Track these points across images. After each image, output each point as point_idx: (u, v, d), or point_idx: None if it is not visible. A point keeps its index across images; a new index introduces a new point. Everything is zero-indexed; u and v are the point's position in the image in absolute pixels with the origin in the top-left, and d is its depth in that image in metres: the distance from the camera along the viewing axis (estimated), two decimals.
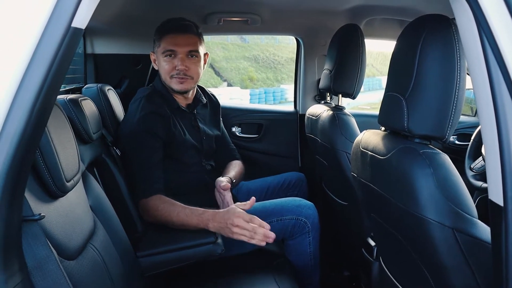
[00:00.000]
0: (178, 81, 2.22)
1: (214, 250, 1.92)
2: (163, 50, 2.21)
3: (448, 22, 1.27)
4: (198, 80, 2.32)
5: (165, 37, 2.20)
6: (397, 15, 2.71)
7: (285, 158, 3.29)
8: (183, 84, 2.23)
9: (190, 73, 2.22)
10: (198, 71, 2.26)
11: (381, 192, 1.44)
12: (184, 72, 2.20)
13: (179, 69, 2.20)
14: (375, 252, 2.00)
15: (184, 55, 2.20)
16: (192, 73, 2.23)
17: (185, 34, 2.20)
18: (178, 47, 2.19)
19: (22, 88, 0.89)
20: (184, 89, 2.25)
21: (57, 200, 1.29)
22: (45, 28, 0.90)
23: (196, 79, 2.27)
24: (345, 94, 2.34)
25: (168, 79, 2.23)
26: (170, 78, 2.22)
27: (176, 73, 2.21)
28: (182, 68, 2.19)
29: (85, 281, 1.29)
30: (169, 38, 2.19)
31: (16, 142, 0.90)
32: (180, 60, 2.19)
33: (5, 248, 0.93)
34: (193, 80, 2.25)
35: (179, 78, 2.21)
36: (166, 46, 2.20)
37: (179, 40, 2.19)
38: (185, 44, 2.19)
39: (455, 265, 1.22)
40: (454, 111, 1.27)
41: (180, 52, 2.19)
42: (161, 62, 2.23)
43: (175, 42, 2.19)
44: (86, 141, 1.86)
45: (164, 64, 2.22)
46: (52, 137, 1.24)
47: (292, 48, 4.38)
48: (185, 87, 2.24)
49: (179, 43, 2.19)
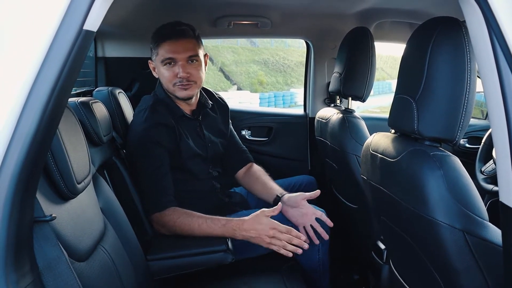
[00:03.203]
0: (182, 88, 2.17)
1: (225, 258, 1.92)
2: (162, 59, 2.15)
3: (459, 25, 1.27)
4: (202, 84, 2.27)
5: (162, 45, 2.14)
6: (407, 18, 2.71)
7: (295, 161, 3.28)
8: (187, 91, 2.18)
9: (193, 79, 2.17)
10: (200, 76, 2.20)
11: (391, 195, 1.43)
12: (187, 78, 2.15)
13: (181, 76, 2.14)
14: (385, 255, 2.00)
15: (184, 61, 2.14)
16: (194, 78, 2.18)
17: (182, 39, 2.14)
18: (177, 54, 2.13)
19: (35, 90, 0.90)
20: (189, 95, 2.21)
21: (68, 202, 1.30)
22: (57, 31, 0.91)
23: (200, 83, 2.22)
24: (355, 97, 2.33)
25: (171, 87, 2.18)
26: (173, 86, 2.17)
27: (178, 81, 2.15)
28: (184, 75, 2.14)
29: (95, 282, 1.30)
30: (167, 46, 2.13)
31: (28, 144, 0.90)
32: (181, 67, 2.13)
33: (17, 248, 0.93)
34: (196, 84, 2.20)
35: (181, 85, 2.16)
36: (164, 54, 2.14)
37: (177, 47, 2.13)
38: (184, 50, 2.13)
39: (466, 268, 1.21)
40: (465, 114, 1.26)
41: (179, 59, 2.13)
42: (161, 71, 2.18)
43: (174, 49, 2.13)
44: (96, 144, 1.87)
45: (165, 72, 2.17)
46: (63, 139, 1.25)
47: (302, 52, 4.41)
48: (189, 93, 2.19)
49: (177, 50, 2.13)
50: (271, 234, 1.91)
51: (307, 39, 3.20)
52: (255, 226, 1.93)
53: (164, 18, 2.32)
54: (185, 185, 2.20)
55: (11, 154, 0.90)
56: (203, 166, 2.28)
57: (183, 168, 2.20)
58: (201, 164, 2.27)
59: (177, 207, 2.04)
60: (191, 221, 1.98)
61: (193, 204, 2.06)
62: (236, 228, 1.94)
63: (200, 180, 2.28)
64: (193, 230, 1.98)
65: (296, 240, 1.94)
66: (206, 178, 2.31)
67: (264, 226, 1.92)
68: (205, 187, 2.29)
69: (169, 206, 2.03)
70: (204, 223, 1.97)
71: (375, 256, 2.08)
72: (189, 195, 2.19)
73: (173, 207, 2.03)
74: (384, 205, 1.57)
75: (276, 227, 1.92)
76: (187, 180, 2.23)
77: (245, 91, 27.58)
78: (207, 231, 1.97)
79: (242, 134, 3.23)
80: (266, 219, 1.94)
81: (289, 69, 34.41)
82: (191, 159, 2.22)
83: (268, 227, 1.92)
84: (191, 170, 2.23)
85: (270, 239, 1.92)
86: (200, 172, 2.27)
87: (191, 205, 2.04)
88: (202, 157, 2.27)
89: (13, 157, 0.90)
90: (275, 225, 1.93)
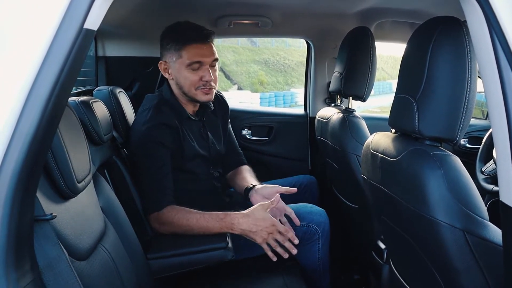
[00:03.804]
0: (204, 93, 2.16)
1: (224, 255, 1.91)
2: (188, 62, 2.11)
3: (459, 24, 1.27)
4: None
5: (188, 48, 2.11)
6: (407, 17, 2.71)
7: (295, 160, 3.29)
8: (208, 95, 2.18)
9: (215, 83, 2.19)
10: (217, 79, 2.22)
11: (392, 194, 1.43)
12: (210, 82, 2.15)
13: (207, 80, 2.13)
14: (385, 255, 2.00)
15: (209, 65, 2.14)
16: (216, 82, 2.19)
17: (208, 43, 2.14)
18: (205, 57, 2.11)
19: (35, 89, 0.90)
20: (210, 99, 2.21)
21: (68, 201, 1.30)
22: (57, 29, 0.91)
23: (216, 87, 2.24)
24: (355, 97, 2.33)
25: (193, 91, 2.16)
26: (196, 89, 2.16)
27: (202, 85, 2.14)
28: (210, 79, 2.13)
29: (96, 281, 1.30)
30: (194, 49, 2.10)
31: (29, 142, 0.90)
32: (207, 71, 2.12)
33: (17, 247, 0.93)
34: (215, 89, 2.22)
35: (205, 89, 2.15)
36: (191, 57, 2.10)
37: (204, 51, 2.11)
38: (210, 54, 2.13)
39: (466, 267, 1.21)
40: (465, 113, 1.26)
41: (206, 62, 2.12)
42: (185, 74, 2.14)
43: (202, 53, 2.11)
44: (97, 143, 1.87)
45: (190, 76, 2.13)
46: (63, 138, 1.25)
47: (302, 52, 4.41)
48: (210, 97, 2.20)
49: (205, 54, 2.11)
50: (270, 230, 1.91)
51: (307, 38, 3.20)
52: (255, 220, 1.92)
53: (164, 17, 2.32)
54: (186, 185, 2.20)
55: (12, 153, 0.90)
56: (204, 166, 2.28)
57: (185, 169, 2.20)
58: (202, 164, 2.27)
59: (175, 205, 2.03)
60: (189, 217, 1.98)
61: (194, 204, 2.05)
62: (235, 222, 1.93)
63: (201, 180, 2.27)
64: (191, 226, 1.97)
65: (288, 244, 1.93)
66: (207, 178, 2.30)
67: (264, 221, 1.91)
68: (206, 187, 2.29)
69: (168, 205, 2.02)
70: (202, 218, 1.96)
71: (375, 256, 2.08)
72: (190, 195, 2.19)
73: (171, 205, 2.02)
74: (384, 204, 1.57)
75: (276, 225, 1.92)
76: (188, 180, 2.22)
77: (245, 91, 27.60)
78: (205, 226, 1.96)
79: (242, 134, 3.23)
80: (266, 213, 1.94)
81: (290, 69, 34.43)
82: (193, 160, 2.21)
83: (269, 222, 1.91)
84: (192, 171, 2.22)
85: (267, 235, 1.91)
86: (201, 172, 2.27)
87: (192, 205, 2.04)
88: (205, 158, 2.27)
89: (14, 156, 0.90)
90: (275, 222, 1.92)
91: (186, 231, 1.98)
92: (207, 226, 1.96)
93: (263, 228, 1.90)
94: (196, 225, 1.97)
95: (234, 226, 1.93)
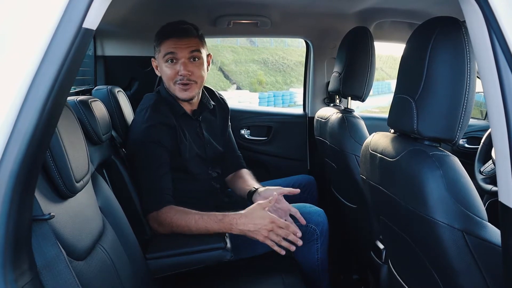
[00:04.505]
0: (182, 89, 2.16)
1: (223, 255, 1.90)
2: (163, 54, 2.15)
3: (458, 24, 1.27)
4: (203, 84, 2.26)
5: (164, 42, 2.14)
6: (407, 18, 2.71)
7: (294, 160, 3.29)
8: (187, 92, 2.17)
9: (194, 78, 2.16)
10: (202, 75, 2.19)
11: (390, 194, 1.43)
12: (188, 77, 2.14)
13: (182, 74, 2.13)
14: (384, 255, 2.00)
15: (186, 59, 2.13)
16: (195, 77, 2.16)
17: (185, 37, 2.13)
18: (179, 50, 2.12)
19: (33, 88, 0.90)
20: (189, 97, 2.19)
21: (67, 201, 1.30)
22: (56, 28, 0.91)
23: (201, 83, 2.21)
24: (354, 97, 2.33)
25: (172, 86, 2.17)
26: (174, 84, 2.16)
27: (179, 79, 2.14)
28: (184, 73, 2.13)
29: (94, 281, 1.29)
30: (169, 43, 2.13)
31: (27, 142, 0.90)
32: (183, 64, 2.13)
33: (15, 247, 0.93)
34: (197, 84, 2.19)
35: (182, 85, 2.15)
36: (166, 49, 2.14)
37: (179, 44, 2.12)
38: (186, 47, 2.13)
39: (465, 268, 1.21)
40: (464, 113, 1.26)
41: (181, 56, 2.13)
42: (163, 68, 2.17)
43: (175, 46, 2.12)
44: (95, 143, 1.86)
45: (166, 70, 2.16)
46: (62, 137, 1.25)
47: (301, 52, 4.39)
48: (189, 94, 2.18)
49: (179, 47, 2.12)
50: (269, 228, 1.89)
51: (306, 38, 3.20)
52: (253, 219, 1.90)
53: (163, 17, 2.31)
54: (185, 186, 2.20)
55: (10, 152, 0.90)
56: (202, 167, 2.28)
57: (183, 169, 2.19)
58: (200, 165, 2.26)
59: (173, 205, 2.02)
60: (188, 218, 1.97)
61: (192, 204, 2.05)
62: (233, 223, 1.92)
63: (200, 180, 2.27)
64: (189, 227, 1.96)
65: (292, 236, 1.92)
66: (206, 178, 2.30)
67: (263, 219, 1.90)
68: (204, 188, 2.29)
69: (166, 205, 2.02)
70: (201, 219, 1.96)
71: (374, 256, 2.08)
72: (188, 195, 2.18)
73: (169, 205, 2.02)
74: (383, 204, 1.57)
75: (275, 221, 1.90)
76: (187, 180, 2.22)
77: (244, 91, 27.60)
78: (203, 227, 1.95)
79: (241, 134, 3.23)
80: (264, 212, 1.92)
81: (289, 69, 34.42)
82: (191, 160, 2.21)
83: (267, 220, 1.90)
84: (190, 171, 2.22)
85: (268, 233, 1.90)
86: (200, 173, 2.26)
87: (190, 205, 2.04)
88: (202, 158, 2.27)
89: (12, 155, 0.90)
90: (274, 219, 1.91)
91: (185, 231, 1.98)
92: (206, 227, 1.95)
93: (261, 227, 1.89)
94: (194, 226, 1.96)
95: (233, 227, 1.93)
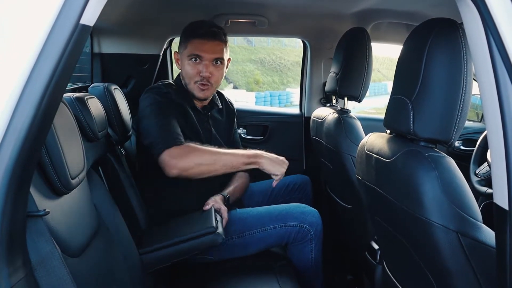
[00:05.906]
0: (200, 88, 2.22)
1: (215, 239, 1.90)
2: (188, 53, 2.20)
3: (456, 26, 1.27)
4: (218, 86, 2.33)
5: (192, 41, 2.19)
6: (404, 19, 2.71)
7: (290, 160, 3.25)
8: (204, 91, 2.24)
9: (213, 80, 2.23)
10: (219, 78, 2.27)
11: (386, 195, 1.44)
12: (208, 78, 2.20)
13: (203, 75, 2.19)
14: (378, 256, 2.00)
15: (209, 61, 2.19)
16: (214, 80, 2.23)
17: (213, 40, 2.19)
18: (205, 53, 2.18)
19: (30, 84, 0.90)
20: (206, 96, 2.27)
21: (62, 197, 1.30)
22: (53, 24, 0.90)
23: (216, 86, 2.29)
24: (351, 97, 2.33)
25: (192, 84, 2.23)
26: (194, 83, 2.22)
27: (200, 79, 2.20)
28: (206, 75, 2.19)
29: (89, 278, 1.30)
30: (197, 43, 2.18)
31: (23, 138, 0.90)
32: (205, 66, 2.19)
33: (10, 243, 0.93)
34: (213, 87, 2.26)
35: (201, 85, 2.21)
36: (192, 50, 2.19)
37: (206, 47, 2.18)
38: (212, 51, 2.19)
39: (459, 269, 1.22)
40: (460, 115, 1.27)
41: (206, 58, 2.19)
42: (185, 66, 2.23)
43: (202, 48, 2.18)
44: (91, 140, 1.86)
45: (189, 68, 2.22)
46: (58, 134, 1.24)
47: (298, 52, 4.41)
48: (206, 94, 2.26)
49: (206, 49, 2.18)
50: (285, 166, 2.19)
51: (304, 38, 3.20)
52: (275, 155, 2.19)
53: (161, 15, 2.31)
54: (184, 185, 2.19)
55: (5, 148, 0.90)
56: None
57: None
58: None
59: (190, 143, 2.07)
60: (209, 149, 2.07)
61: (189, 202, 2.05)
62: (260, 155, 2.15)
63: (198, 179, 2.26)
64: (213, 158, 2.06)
65: None
66: None
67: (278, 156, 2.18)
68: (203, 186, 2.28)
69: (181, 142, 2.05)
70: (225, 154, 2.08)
71: (368, 256, 2.08)
72: (186, 194, 2.19)
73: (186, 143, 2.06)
74: (378, 205, 1.58)
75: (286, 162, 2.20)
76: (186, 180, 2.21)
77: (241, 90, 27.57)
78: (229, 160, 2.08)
79: None
80: None
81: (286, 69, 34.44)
82: None
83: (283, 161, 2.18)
84: None
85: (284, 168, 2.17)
86: None
87: (188, 203, 2.03)
88: None
89: (7, 151, 0.90)
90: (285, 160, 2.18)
91: (207, 164, 2.04)
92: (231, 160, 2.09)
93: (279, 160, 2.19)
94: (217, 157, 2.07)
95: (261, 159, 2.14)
